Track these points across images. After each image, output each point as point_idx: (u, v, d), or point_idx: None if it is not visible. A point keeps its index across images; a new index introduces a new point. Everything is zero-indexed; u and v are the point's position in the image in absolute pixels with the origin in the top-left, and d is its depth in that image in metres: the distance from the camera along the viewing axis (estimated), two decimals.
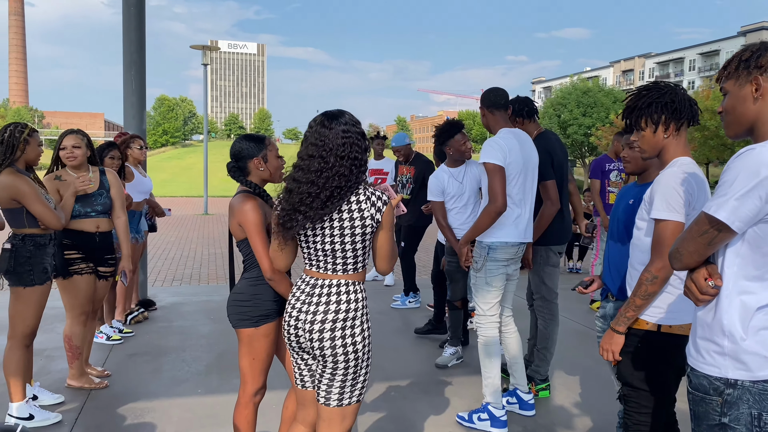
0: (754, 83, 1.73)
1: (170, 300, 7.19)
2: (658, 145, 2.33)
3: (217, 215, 22.96)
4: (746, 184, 1.61)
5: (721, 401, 1.73)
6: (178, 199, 36.43)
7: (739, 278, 1.72)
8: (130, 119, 6.90)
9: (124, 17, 6.83)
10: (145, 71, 7.00)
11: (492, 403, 3.71)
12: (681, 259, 1.78)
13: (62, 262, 3.99)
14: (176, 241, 14.16)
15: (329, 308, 2.21)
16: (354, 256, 2.24)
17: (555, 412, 4.04)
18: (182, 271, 9.93)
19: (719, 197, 1.66)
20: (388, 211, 2.22)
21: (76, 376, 4.23)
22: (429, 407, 4.07)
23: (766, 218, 1.64)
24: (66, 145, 4.03)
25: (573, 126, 50.03)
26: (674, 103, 2.29)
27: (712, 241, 1.70)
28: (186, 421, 3.79)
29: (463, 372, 4.79)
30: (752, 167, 1.61)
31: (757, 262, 1.70)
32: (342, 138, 2.17)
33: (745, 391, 1.69)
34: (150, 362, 4.87)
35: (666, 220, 2.18)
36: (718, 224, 1.66)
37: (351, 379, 2.24)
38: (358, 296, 2.25)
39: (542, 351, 4.30)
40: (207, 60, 23.69)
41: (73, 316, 4.11)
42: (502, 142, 3.61)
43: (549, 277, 4.25)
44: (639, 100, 2.34)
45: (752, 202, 1.61)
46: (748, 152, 1.65)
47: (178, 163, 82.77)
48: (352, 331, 2.21)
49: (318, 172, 2.13)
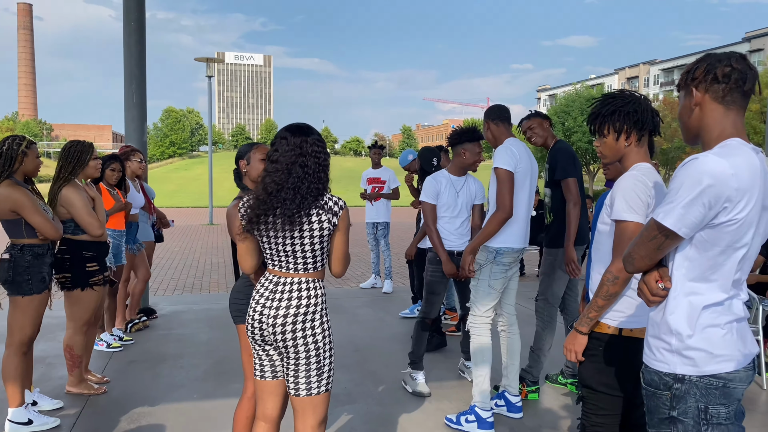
0: (691, 95, 1.85)
1: (171, 308, 7.30)
2: (619, 151, 2.40)
3: (222, 225, 23.12)
4: (690, 193, 1.70)
5: (670, 395, 1.82)
6: (185, 210, 36.67)
7: (686, 280, 1.81)
8: (131, 132, 7.05)
9: (125, 31, 6.99)
10: (146, 84, 7.15)
11: (479, 404, 3.79)
12: (633, 262, 1.88)
13: (84, 275, 4.09)
14: (180, 251, 14.30)
15: (290, 304, 2.39)
16: (313, 257, 2.42)
17: (542, 415, 4.11)
18: (184, 280, 10.05)
19: (666, 204, 1.75)
20: (344, 216, 2.42)
21: (75, 383, 4.33)
22: (419, 410, 4.15)
23: (711, 224, 1.74)
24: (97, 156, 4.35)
25: (577, 133, 50.01)
26: (637, 113, 2.35)
27: (661, 246, 1.80)
28: (181, 425, 3.88)
29: (452, 376, 4.86)
30: (695, 176, 1.70)
31: (704, 265, 1.79)
32: (316, 147, 2.40)
33: (692, 385, 1.78)
34: (148, 369, 4.98)
35: (627, 221, 2.24)
36: (666, 231, 1.75)
37: (315, 369, 2.41)
38: (317, 293, 2.43)
39: (536, 352, 4.38)
40: (211, 72, 23.93)
41: (77, 326, 4.20)
42: (514, 150, 3.76)
43: (558, 282, 4.34)
44: (603, 108, 2.41)
45: (697, 209, 1.71)
46: (692, 162, 1.74)
47: (185, 174, 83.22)
48: (312, 324, 2.39)
49: (300, 177, 2.33)
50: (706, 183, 1.69)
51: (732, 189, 1.69)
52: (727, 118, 1.81)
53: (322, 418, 2.48)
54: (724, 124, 1.81)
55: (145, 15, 7.13)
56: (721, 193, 1.69)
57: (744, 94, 1.81)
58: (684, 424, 1.80)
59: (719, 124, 1.81)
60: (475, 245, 3.84)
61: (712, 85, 1.81)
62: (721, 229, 1.74)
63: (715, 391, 1.77)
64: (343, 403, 4.23)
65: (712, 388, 1.77)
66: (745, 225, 1.74)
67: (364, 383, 4.67)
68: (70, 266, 4.04)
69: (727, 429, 1.79)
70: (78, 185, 4.09)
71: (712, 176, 1.68)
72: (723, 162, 1.70)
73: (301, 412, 2.45)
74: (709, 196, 1.69)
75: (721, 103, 1.81)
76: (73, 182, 4.07)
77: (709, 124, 1.83)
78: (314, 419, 2.46)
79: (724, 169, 1.69)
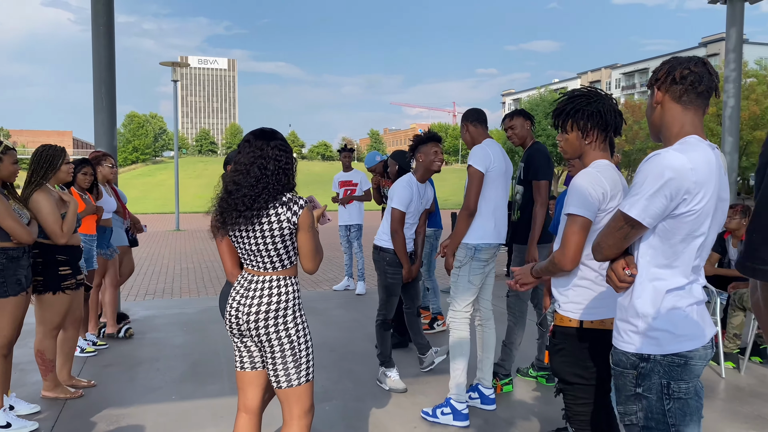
0: (654, 94, 2.01)
1: (143, 313, 7.27)
2: (580, 149, 2.51)
3: (190, 231, 22.89)
4: (653, 186, 1.85)
5: (636, 374, 1.96)
6: (150, 216, 36.12)
7: (651, 266, 1.96)
8: (101, 136, 7.00)
9: (93, 35, 6.95)
10: (116, 89, 7.12)
11: (454, 397, 3.91)
12: (602, 251, 2.02)
13: (56, 278, 4.10)
14: (148, 257, 14.15)
15: (262, 301, 2.52)
16: (278, 255, 2.53)
17: (515, 406, 4.26)
18: (155, 285, 9.97)
19: (632, 197, 1.90)
20: (304, 214, 2.50)
21: (51, 387, 4.32)
22: (395, 405, 4.26)
23: (672, 214, 1.89)
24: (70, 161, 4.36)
25: (541, 137, 50.87)
26: (601, 113, 2.45)
27: (627, 235, 1.95)
28: (161, 425, 3.91)
29: (428, 372, 4.98)
30: (658, 170, 1.85)
31: (666, 252, 1.94)
32: (277, 151, 2.53)
33: (656, 364, 1.93)
34: (124, 372, 4.98)
35: (575, 215, 2.34)
36: (632, 221, 1.90)
37: (292, 362, 2.53)
38: (289, 289, 2.56)
39: (508, 346, 4.52)
40: (177, 76, 23.71)
41: (47, 330, 4.18)
42: (489, 150, 3.93)
43: None
44: (569, 105, 2.51)
45: (659, 200, 1.86)
46: (655, 157, 1.89)
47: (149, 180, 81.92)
48: (284, 320, 2.52)
49: (257, 178, 2.47)
50: (668, 176, 1.83)
51: (691, 182, 1.84)
52: (685, 116, 1.97)
53: (306, 407, 2.59)
54: (682, 122, 1.97)
55: (113, 19, 7.10)
56: (681, 186, 1.84)
57: (699, 95, 1.96)
58: (648, 400, 1.95)
59: (678, 121, 1.97)
60: (453, 246, 3.99)
61: (671, 86, 1.97)
62: (681, 219, 1.89)
63: (677, 368, 1.92)
64: (320, 401, 4.31)
65: (675, 366, 1.92)
66: (702, 215, 1.89)
67: (342, 381, 4.76)
68: (42, 270, 4.05)
69: (687, 403, 1.95)
70: (49, 190, 4.08)
71: (672, 170, 1.83)
72: (682, 157, 1.85)
73: (286, 402, 2.57)
74: (671, 189, 1.84)
75: (678, 103, 1.97)
76: (45, 187, 4.06)
77: (668, 122, 2.00)
78: (299, 409, 2.57)
79: (684, 164, 1.84)
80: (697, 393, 1.98)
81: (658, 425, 1.94)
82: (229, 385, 4.61)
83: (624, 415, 2.03)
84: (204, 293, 9.19)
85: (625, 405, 2.02)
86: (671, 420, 1.93)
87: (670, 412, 1.93)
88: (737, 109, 9.27)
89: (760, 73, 39.17)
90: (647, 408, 1.95)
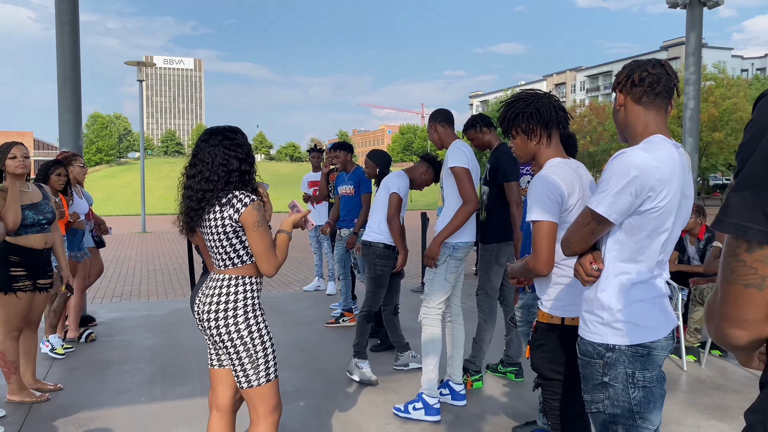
0: (617, 97, 2.09)
1: (110, 316, 7.17)
2: (530, 150, 2.55)
3: (156, 233, 22.55)
4: (619, 183, 1.92)
5: (602, 363, 2.03)
6: (115, 218, 35.46)
7: (617, 261, 2.03)
8: (66, 136, 6.87)
9: (58, 34, 6.82)
10: (81, 88, 7.00)
11: (426, 392, 3.97)
12: (570, 246, 2.09)
13: (6, 279, 4.02)
14: (114, 259, 13.91)
15: (213, 299, 2.49)
16: (227, 253, 2.49)
17: (485, 402, 4.33)
18: (121, 288, 9.82)
19: (599, 194, 1.97)
20: (247, 212, 2.42)
21: (15, 391, 4.24)
22: (367, 402, 4.29)
23: (638, 210, 1.96)
24: (17, 155, 4.08)
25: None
26: (540, 113, 2.49)
27: (594, 231, 2.02)
28: (132, 427, 3.87)
29: (399, 370, 5.02)
30: (623, 168, 1.92)
31: (632, 248, 2.01)
32: (212, 148, 2.49)
33: (621, 354, 2.01)
34: (92, 375, 4.91)
35: (538, 221, 2.37)
36: (598, 217, 1.97)
37: (249, 363, 2.49)
38: (239, 289, 2.49)
39: (479, 342, 4.59)
40: (142, 76, 23.34)
41: (7, 331, 4.11)
42: (464, 149, 3.99)
43: (495, 275, 4.55)
44: (508, 111, 2.56)
45: (625, 198, 1.92)
46: (620, 155, 1.96)
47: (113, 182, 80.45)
48: (235, 320, 2.47)
49: (204, 176, 2.47)
50: (633, 174, 1.90)
51: (655, 180, 1.92)
52: (647, 116, 2.05)
53: (271, 405, 2.57)
54: (646, 122, 2.05)
55: (78, 17, 6.97)
56: (645, 184, 1.91)
57: (658, 95, 2.04)
58: (614, 388, 2.02)
59: (641, 122, 2.05)
60: (443, 238, 3.96)
61: (631, 88, 2.06)
62: (646, 216, 1.96)
63: (641, 358, 2.00)
64: (292, 399, 4.32)
65: (639, 356, 2.00)
66: (666, 212, 1.97)
67: (313, 380, 4.77)
68: None
69: (651, 391, 2.03)
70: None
71: (637, 168, 1.90)
72: (647, 155, 1.93)
73: (250, 402, 2.57)
74: (636, 186, 1.91)
75: (639, 104, 2.05)
76: None
77: (632, 122, 2.07)
78: (263, 407, 2.56)
79: (648, 162, 1.91)
80: (659, 381, 2.06)
81: (623, 412, 2.02)
82: (200, 387, 4.58)
83: (591, 403, 2.10)
84: (172, 295, 9.09)
85: (591, 393, 2.09)
86: (636, 408, 2.01)
87: (635, 399, 2.01)
88: (697, 111, 9.54)
89: (718, 76, 40.29)
90: (613, 396, 2.02)
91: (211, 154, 2.47)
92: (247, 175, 2.53)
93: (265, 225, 2.46)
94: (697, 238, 5.82)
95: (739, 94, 38.23)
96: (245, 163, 2.52)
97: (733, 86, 39.33)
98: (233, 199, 2.43)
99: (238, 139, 2.54)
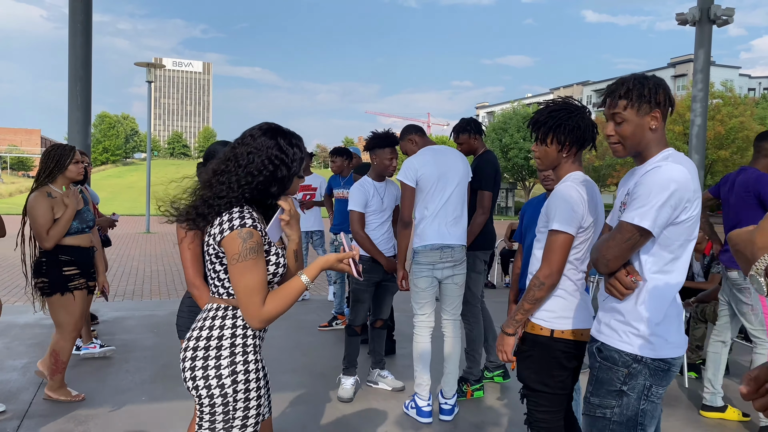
0: (654, 115, 2.08)
1: (112, 314, 7.18)
2: (556, 161, 2.54)
3: (160, 234, 22.58)
4: (661, 197, 1.96)
5: (626, 372, 2.06)
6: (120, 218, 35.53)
7: (651, 273, 2.07)
8: (75, 134, 6.93)
9: (70, 33, 6.89)
10: (91, 87, 7.06)
11: (417, 394, 4.10)
12: (607, 264, 2.07)
13: (61, 279, 4.04)
14: (118, 258, 13.93)
15: (192, 333, 2.02)
16: (218, 277, 2.01)
17: (485, 412, 4.32)
18: (124, 287, 9.84)
19: (639, 208, 1.98)
20: (229, 239, 1.91)
21: (54, 388, 4.23)
22: (367, 409, 4.29)
23: (674, 222, 2.02)
24: (79, 159, 4.19)
25: (514, 150, 51.54)
26: (580, 129, 2.48)
27: (635, 246, 2.04)
28: (130, 426, 3.88)
29: (401, 377, 5.01)
30: (664, 182, 1.97)
31: (666, 258, 2.06)
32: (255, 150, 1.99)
33: (645, 366, 2.05)
34: (93, 373, 4.91)
35: (559, 232, 2.39)
36: (643, 231, 1.99)
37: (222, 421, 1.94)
38: (227, 322, 1.97)
39: (471, 353, 4.59)
40: (151, 77, 23.44)
41: (66, 332, 4.12)
42: (414, 161, 4.06)
43: (474, 283, 4.53)
44: (548, 119, 2.51)
45: (666, 211, 1.98)
46: (656, 170, 2.00)
47: (119, 182, 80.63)
48: (217, 362, 1.94)
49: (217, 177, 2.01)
50: (673, 188, 1.97)
51: (691, 191, 2.00)
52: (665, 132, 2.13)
53: None
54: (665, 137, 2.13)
55: (91, 17, 7.05)
56: (683, 196, 1.98)
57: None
58: (629, 398, 2.06)
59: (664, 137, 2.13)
60: (400, 260, 4.14)
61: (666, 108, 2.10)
62: (681, 226, 2.02)
63: (660, 372, 2.05)
64: (293, 404, 4.32)
65: (659, 370, 2.05)
66: (696, 221, 2.05)
67: (314, 385, 4.77)
68: (47, 271, 4.02)
69: (656, 406, 2.08)
70: (48, 192, 4.04)
71: (676, 182, 1.97)
72: (683, 169, 2.00)
73: None
74: (675, 199, 1.97)
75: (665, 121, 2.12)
76: (44, 188, 4.03)
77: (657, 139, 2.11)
78: None
79: (685, 174, 1.99)
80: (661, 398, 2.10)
81: (628, 422, 2.06)
82: None
83: (597, 407, 2.11)
84: (175, 296, 9.09)
85: (602, 398, 2.10)
86: (641, 419, 2.06)
87: (642, 412, 2.05)
88: (704, 128, 9.54)
89: (725, 94, 40.25)
90: (625, 405, 2.06)
91: (248, 158, 1.97)
92: (273, 198, 2.04)
93: (253, 259, 1.89)
94: (702, 254, 5.80)
95: (746, 113, 38.16)
96: (279, 186, 2.01)
97: (740, 105, 39.27)
98: (224, 216, 1.94)
99: (291, 154, 2.01)
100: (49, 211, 3.99)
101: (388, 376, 4.77)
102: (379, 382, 4.76)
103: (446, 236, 4.02)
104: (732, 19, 9.19)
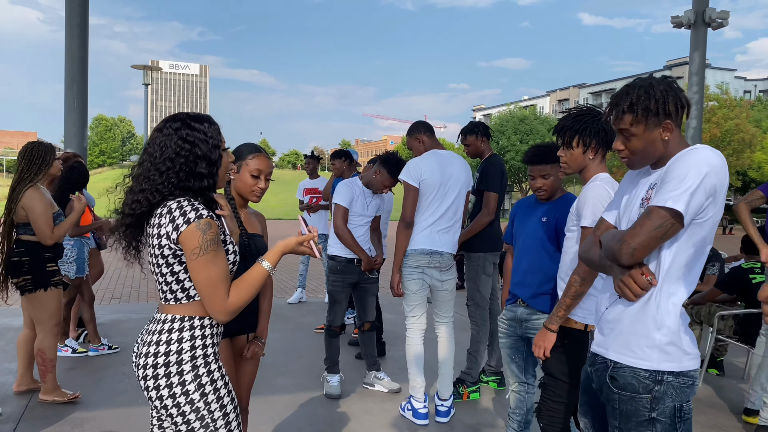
0: (665, 126, 1.90)
1: (109, 317, 7.17)
2: (582, 163, 2.63)
3: None
4: (696, 180, 1.76)
5: (650, 398, 1.89)
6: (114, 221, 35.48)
7: (667, 277, 1.90)
8: (71, 137, 6.94)
9: (67, 36, 6.89)
10: (87, 89, 7.06)
11: (413, 396, 4.11)
12: (633, 253, 1.84)
13: (45, 275, 4.06)
14: (114, 261, 13.90)
15: (149, 349, 1.86)
16: (169, 285, 1.87)
17: (481, 414, 4.33)
18: (120, 289, 9.83)
19: (671, 191, 1.77)
20: (189, 232, 1.79)
21: (49, 391, 4.22)
22: (363, 411, 4.30)
23: (695, 220, 1.82)
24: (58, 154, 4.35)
25: (510, 152, 51.56)
26: (605, 131, 2.59)
27: (665, 235, 1.81)
28: (126, 429, 3.87)
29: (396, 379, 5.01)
30: (699, 165, 1.78)
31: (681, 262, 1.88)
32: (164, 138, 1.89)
33: (669, 386, 1.88)
34: (89, 375, 4.91)
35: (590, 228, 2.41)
36: (676, 215, 1.77)
37: None
38: (185, 335, 1.85)
39: (473, 354, 4.60)
40: (148, 80, 23.45)
41: (48, 328, 4.12)
42: (420, 163, 4.03)
43: (483, 285, 4.55)
44: (575, 123, 2.62)
45: (698, 197, 1.78)
46: (690, 152, 1.83)
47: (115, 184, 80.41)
48: (181, 378, 1.84)
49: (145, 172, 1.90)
50: (705, 171, 1.77)
51: (722, 182, 1.80)
52: None
53: None
54: None
55: (88, 20, 7.06)
56: (714, 184, 1.79)
57: None
58: (662, 424, 1.88)
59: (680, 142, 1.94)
60: (396, 263, 4.07)
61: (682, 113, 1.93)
62: (701, 225, 1.84)
63: (686, 389, 1.89)
64: (288, 406, 4.32)
65: (685, 387, 1.89)
66: (715, 223, 1.86)
67: (310, 386, 4.77)
68: (30, 269, 4.01)
69: (689, 423, 1.93)
70: (41, 188, 4.06)
71: (709, 165, 1.78)
72: (720, 154, 1.83)
73: None
74: (708, 184, 1.78)
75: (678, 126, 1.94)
76: (37, 185, 4.05)
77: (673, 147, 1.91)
78: None
79: (720, 162, 1.81)
80: None
81: None
82: None
83: None
84: None
85: (636, 430, 1.92)
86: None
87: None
88: (699, 130, 9.59)
89: (721, 97, 40.40)
90: None
91: (161, 146, 1.86)
92: (207, 179, 1.90)
93: (213, 251, 1.80)
94: None
95: (741, 116, 38.31)
96: (206, 162, 1.88)
97: (735, 107, 39.41)
98: (175, 211, 1.80)
99: (204, 129, 1.89)
100: (50, 207, 4.02)
101: (384, 377, 4.78)
102: (376, 383, 4.77)
103: (437, 243, 4.04)
104: (727, 22, 9.24)
